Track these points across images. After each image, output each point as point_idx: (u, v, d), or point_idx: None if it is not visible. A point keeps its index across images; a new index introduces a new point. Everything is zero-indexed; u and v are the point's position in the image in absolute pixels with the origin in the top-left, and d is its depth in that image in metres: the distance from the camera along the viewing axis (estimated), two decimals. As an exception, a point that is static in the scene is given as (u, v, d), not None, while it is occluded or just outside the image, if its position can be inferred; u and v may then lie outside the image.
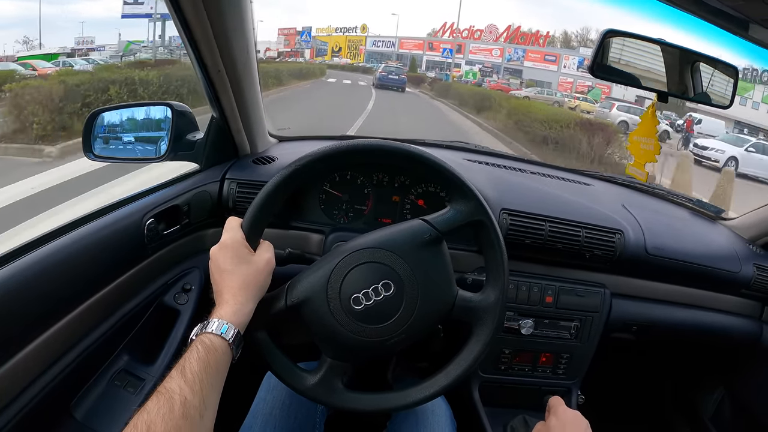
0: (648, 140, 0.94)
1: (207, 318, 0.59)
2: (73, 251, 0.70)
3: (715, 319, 1.10)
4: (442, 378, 0.66)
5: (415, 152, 0.68)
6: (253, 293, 0.62)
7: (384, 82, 18.78)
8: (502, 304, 0.68)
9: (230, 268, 0.62)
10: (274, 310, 0.65)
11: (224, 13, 0.73)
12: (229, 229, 0.65)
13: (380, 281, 0.63)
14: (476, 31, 33.25)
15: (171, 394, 0.50)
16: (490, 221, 0.68)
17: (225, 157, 0.99)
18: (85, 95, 6.54)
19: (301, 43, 46.82)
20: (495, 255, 0.68)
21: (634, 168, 0.99)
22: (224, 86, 0.84)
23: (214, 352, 0.55)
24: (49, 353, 0.66)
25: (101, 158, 0.96)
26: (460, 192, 0.68)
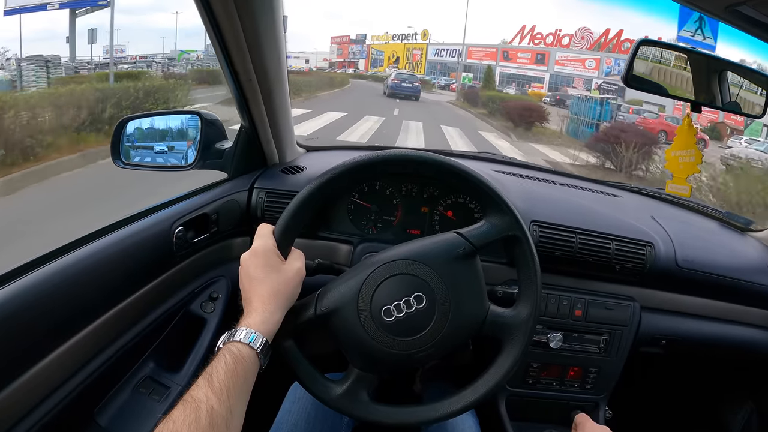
0: (688, 152, 0.91)
1: (235, 326, 0.58)
2: (103, 257, 0.70)
3: (745, 333, 1.07)
4: (470, 393, 0.65)
5: (451, 164, 0.68)
6: (282, 302, 0.61)
7: (396, 90, 17.98)
8: (534, 320, 0.67)
9: (261, 275, 0.61)
10: (302, 318, 0.64)
11: (257, 21, 0.73)
12: (260, 236, 0.64)
13: (412, 294, 0.62)
14: (563, 36, 26.30)
15: (197, 403, 0.49)
16: (526, 237, 0.67)
17: (253, 166, 0.99)
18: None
19: (354, 52, 43.57)
20: (529, 271, 0.67)
21: (675, 185, 0.95)
22: (255, 95, 0.85)
23: (242, 361, 0.55)
24: (75, 359, 0.66)
25: (130, 165, 0.96)
26: (496, 206, 0.67)
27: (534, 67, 27.56)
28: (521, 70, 28.22)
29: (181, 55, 24.08)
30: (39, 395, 0.60)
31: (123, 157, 0.96)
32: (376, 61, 41.74)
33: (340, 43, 46.80)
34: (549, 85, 26.36)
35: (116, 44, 25.66)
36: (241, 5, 0.69)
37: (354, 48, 45.09)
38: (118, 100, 6.26)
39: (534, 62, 27.55)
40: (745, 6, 0.57)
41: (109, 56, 14.24)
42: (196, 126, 0.95)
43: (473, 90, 21.26)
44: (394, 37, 40.50)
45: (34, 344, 0.59)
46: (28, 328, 0.58)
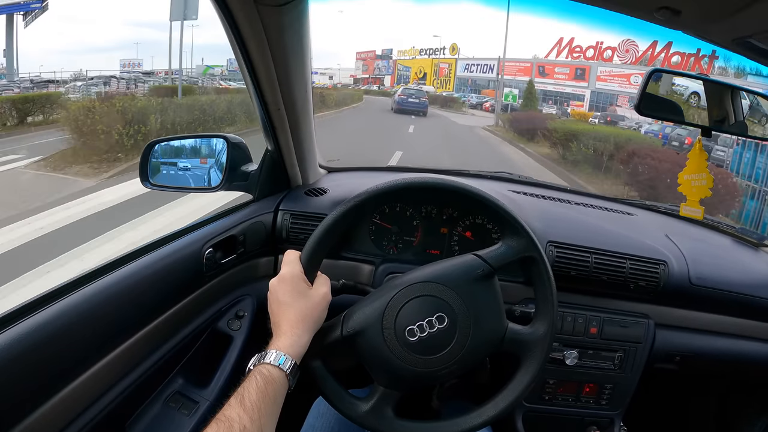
0: (700, 176, 0.94)
1: (265, 349, 0.61)
2: (138, 279, 0.74)
3: (760, 348, 1.08)
4: (490, 408, 0.68)
5: (469, 190, 0.71)
6: (309, 326, 0.64)
7: (403, 106, 17.13)
8: (551, 337, 0.69)
9: (289, 301, 0.64)
10: (329, 339, 0.67)
11: (288, 59, 0.77)
12: (288, 263, 0.67)
13: (434, 314, 0.65)
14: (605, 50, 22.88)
15: (230, 422, 0.52)
16: (542, 257, 0.70)
17: (278, 188, 1.03)
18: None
19: (380, 68, 41.09)
20: (545, 290, 0.70)
21: (689, 208, 0.97)
22: (282, 122, 0.88)
23: (272, 382, 0.58)
24: (111, 374, 0.69)
25: (157, 187, 1.00)
26: (512, 228, 0.70)
27: (573, 83, 24.53)
28: (558, 87, 24.27)
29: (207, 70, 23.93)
30: (76, 410, 0.64)
31: (151, 178, 1.00)
32: (402, 77, 38.49)
33: (366, 59, 44.15)
34: (590, 103, 22.82)
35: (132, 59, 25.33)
36: (275, 47, 0.73)
37: (380, 64, 41.91)
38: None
39: (573, 78, 24.36)
40: (752, 38, 0.59)
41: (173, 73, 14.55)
42: (223, 149, 0.99)
43: (528, 116, 14.25)
44: (421, 52, 37.72)
45: (72, 362, 0.63)
46: (67, 347, 0.62)
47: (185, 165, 1.04)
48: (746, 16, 0.53)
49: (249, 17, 0.69)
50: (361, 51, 44.06)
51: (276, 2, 0.67)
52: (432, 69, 35.94)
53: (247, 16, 0.69)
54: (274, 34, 0.72)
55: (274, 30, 0.72)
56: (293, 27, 0.74)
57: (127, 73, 21.75)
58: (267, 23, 0.70)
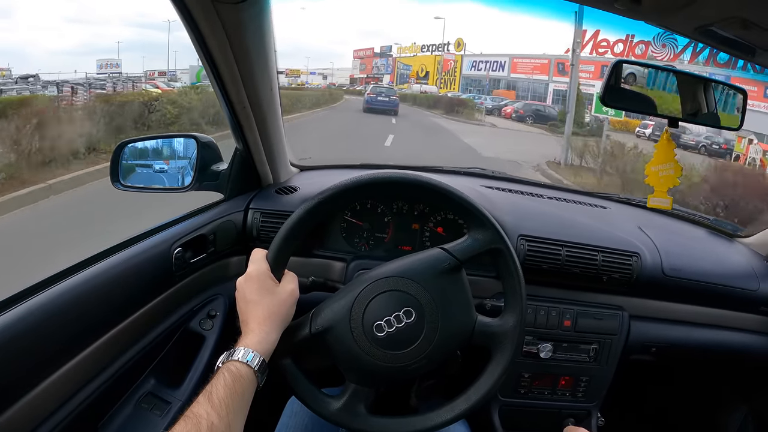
0: (667, 165, 0.94)
1: (233, 346, 0.62)
2: (105, 279, 0.73)
3: (735, 338, 1.09)
4: (462, 402, 0.68)
5: (432, 183, 0.71)
6: (277, 323, 0.64)
7: (373, 104, 16.25)
8: (521, 328, 0.69)
9: (256, 298, 0.64)
10: (298, 337, 0.67)
11: (250, 56, 0.77)
12: (254, 261, 0.68)
13: (401, 309, 0.65)
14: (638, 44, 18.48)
15: (198, 419, 0.52)
16: (508, 249, 0.70)
17: (248, 187, 1.02)
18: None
19: (378, 66, 37.83)
20: (513, 282, 0.70)
21: (657, 198, 0.97)
22: (249, 121, 0.88)
23: (240, 379, 0.58)
24: (80, 375, 0.68)
25: (128, 188, 0.99)
26: (478, 221, 0.70)
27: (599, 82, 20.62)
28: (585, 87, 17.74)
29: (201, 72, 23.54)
30: (46, 410, 0.63)
31: (122, 179, 0.99)
32: (403, 76, 35.10)
33: (363, 57, 40.11)
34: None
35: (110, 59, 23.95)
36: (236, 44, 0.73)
37: (378, 62, 38.32)
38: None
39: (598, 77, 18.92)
40: (714, 26, 0.60)
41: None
42: (193, 149, 0.98)
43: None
44: (423, 48, 33.61)
45: (41, 362, 0.62)
46: (36, 346, 0.61)
47: (156, 165, 1.04)
48: (706, 4, 0.53)
49: (207, 15, 0.68)
50: (358, 49, 41.16)
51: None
52: (435, 67, 31.92)
53: (205, 14, 0.68)
54: (233, 32, 0.72)
55: (234, 28, 0.71)
56: (254, 24, 0.74)
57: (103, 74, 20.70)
58: (226, 21, 0.69)
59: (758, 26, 0.53)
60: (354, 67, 40.37)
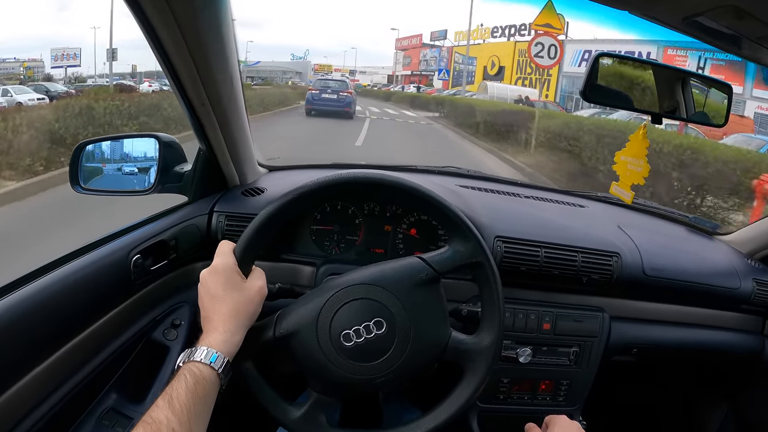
0: (637, 161, 0.92)
1: (195, 344, 0.58)
2: (58, 289, 0.68)
3: (717, 336, 1.08)
4: (430, 419, 0.65)
5: (415, 188, 0.68)
6: (243, 322, 0.61)
7: (315, 105, 12.17)
8: (497, 348, 0.67)
9: (221, 293, 0.61)
10: (261, 339, 0.64)
11: (206, 48, 0.71)
12: (221, 254, 0.64)
13: (372, 319, 0.62)
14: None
15: (158, 425, 0.49)
16: (489, 264, 0.67)
17: (214, 188, 0.97)
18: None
19: (428, 60, 26.98)
20: (492, 298, 0.68)
21: (619, 188, 0.97)
22: (209, 119, 0.83)
23: (203, 382, 0.54)
24: (35, 394, 0.64)
25: (88, 191, 0.94)
26: (460, 232, 0.67)
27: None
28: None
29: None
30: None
31: (81, 182, 0.94)
32: (460, 74, 21.61)
33: (408, 48, 29.49)
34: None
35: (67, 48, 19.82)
36: (189, 36, 0.67)
37: (427, 54, 27.27)
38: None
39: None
40: (702, 17, 0.56)
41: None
42: (155, 149, 0.93)
43: None
44: (495, 32, 21.97)
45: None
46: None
47: (117, 167, 0.98)
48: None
49: (155, 4, 0.63)
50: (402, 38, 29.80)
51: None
52: (514, 57, 20.23)
53: (152, 2, 0.63)
54: (185, 23, 0.66)
55: (185, 18, 0.65)
56: (208, 12, 0.68)
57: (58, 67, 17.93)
58: (176, 10, 0.64)
59: (751, 16, 0.50)
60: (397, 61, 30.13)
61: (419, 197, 0.68)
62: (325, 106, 12.07)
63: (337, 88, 12.66)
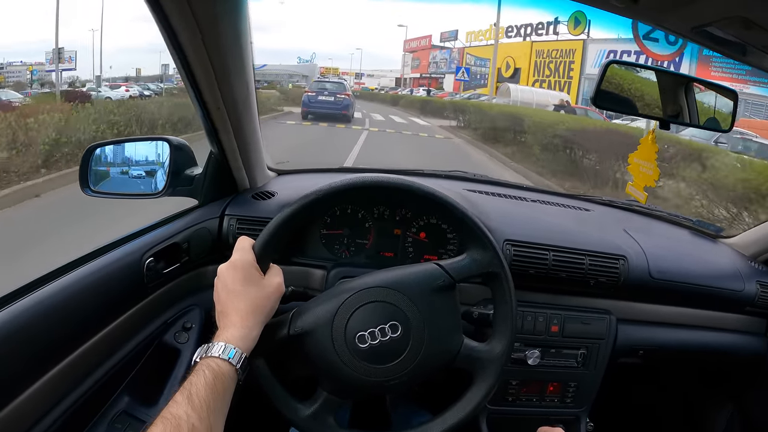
0: (647, 164, 0.94)
1: (212, 339, 0.58)
2: (72, 293, 0.69)
3: (721, 338, 1.09)
4: (438, 424, 0.66)
5: (434, 194, 0.69)
6: (260, 318, 0.61)
7: (312, 108, 11.51)
8: (507, 357, 0.68)
9: (240, 288, 0.61)
10: (275, 337, 0.64)
11: (225, 52, 0.72)
12: (240, 249, 0.64)
13: (388, 322, 0.63)
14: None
15: (178, 421, 0.48)
16: (505, 274, 0.68)
17: (224, 192, 0.98)
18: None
19: (438, 62, 26.19)
20: (506, 309, 0.68)
21: (634, 188, 0.99)
22: (224, 123, 0.83)
23: (222, 377, 0.54)
24: (48, 397, 0.64)
25: (98, 194, 0.95)
26: (479, 241, 0.68)
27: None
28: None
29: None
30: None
31: (92, 184, 0.94)
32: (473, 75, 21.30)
33: (416, 50, 28.34)
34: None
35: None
36: (209, 40, 0.68)
37: (437, 56, 26.28)
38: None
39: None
40: (711, 27, 0.58)
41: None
42: (165, 152, 0.93)
43: None
44: (510, 32, 20.70)
45: (5, 385, 0.58)
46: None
47: (127, 170, 0.99)
48: (704, 4, 0.52)
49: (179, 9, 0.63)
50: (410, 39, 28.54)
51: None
52: (531, 58, 18.83)
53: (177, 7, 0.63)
54: (207, 28, 0.67)
55: (208, 22, 0.66)
56: (229, 19, 0.69)
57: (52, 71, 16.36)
58: (199, 15, 0.64)
59: (759, 26, 0.51)
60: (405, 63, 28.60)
61: (439, 203, 0.69)
62: (321, 109, 11.52)
63: (334, 90, 12.05)
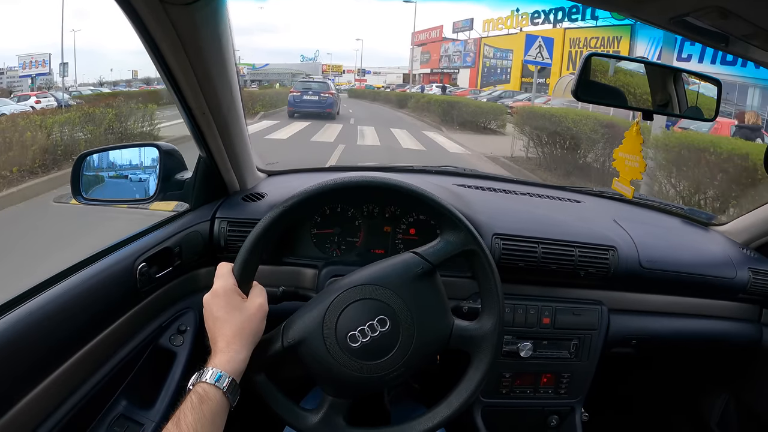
0: (633, 157, 0.94)
1: (204, 367, 0.60)
2: (66, 300, 0.69)
3: (715, 326, 1.10)
4: (444, 408, 0.67)
5: (401, 186, 0.69)
6: (247, 340, 0.62)
7: (297, 106, 12.32)
8: (500, 330, 0.68)
9: (223, 316, 0.63)
10: (271, 351, 0.65)
11: (207, 59, 0.73)
12: (220, 276, 0.66)
13: (375, 317, 0.64)
14: None
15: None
16: (482, 250, 0.68)
17: (215, 195, 0.98)
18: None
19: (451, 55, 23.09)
20: (489, 283, 0.69)
21: (620, 184, 0.99)
22: (210, 127, 0.84)
23: (208, 401, 0.56)
24: (46, 403, 0.65)
25: (91, 201, 0.96)
26: (450, 222, 0.69)
27: None
28: None
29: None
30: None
31: (84, 192, 0.95)
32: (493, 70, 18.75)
33: (426, 42, 25.06)
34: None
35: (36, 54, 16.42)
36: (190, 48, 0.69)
37: (449, 48, 23.02)
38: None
39: None
40: (689, 17, 0.58)
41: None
42: (156, 158, 0.94)
43: None
44: (536, 18, 17.57)
45: (4, 391, 0.59)
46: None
47: (119, 176, 0.99)
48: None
49: (157, 18, 0.64)
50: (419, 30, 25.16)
51: (183, 1, 0.63)
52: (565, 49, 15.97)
53: (154, 16, 0.64)
54: (187, 35, 0.67)
55: (187, 30, 0.67)
56: (208, 26, 0.70)
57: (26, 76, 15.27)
58: (177, 23, 0.65)
59: (735, 15, 0.51)
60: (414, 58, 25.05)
61: (409, 194, 0.69)
62: (306, 108, 12.26)
63: (318, 90, 12.76)
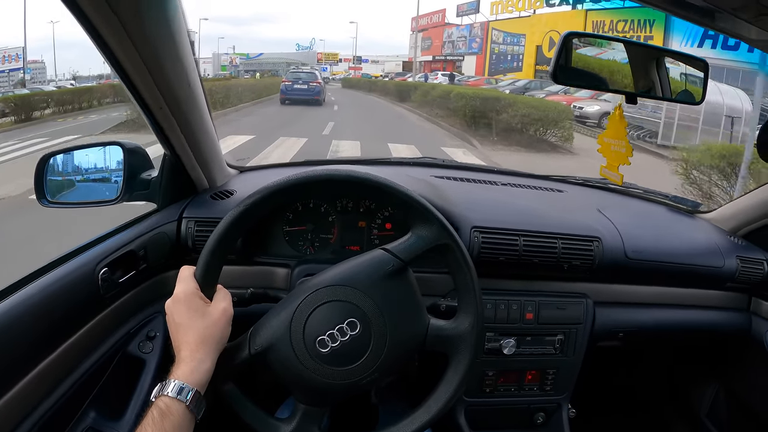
0: (618, 142, 0.91)
1: (167, 377, 0.57)
2: (23, 310, 0.66)
3: (703, 315, 1.07)
4: (423, 413, 0.64)
5: (369, 179, 0.65)
6: (211, 348, 0.59)
7: (289, 94, 14.17)
8: (478, 329, 0.65)
9: (186, 322, 0.59)
10: (238, 359, 0.62)
11: (156, 47, 0.67)
12: (181, 280, 0.63)
13: (345, 320, 0.61)
14: None
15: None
16: (456, 243, 0.65)
17: (183, 193, 0.94)
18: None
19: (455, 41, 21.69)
20: (465, 279, 0.66)
21: (608, 170, 0.96)
22: (170, 123, 0.80)
23: (170, 416, 0.54)
24: (9, 419, 0.62)
25: (56, 204, 0.92)
26: (420, 216, 0.65)
27: None
28: None
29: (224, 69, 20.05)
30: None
31: (48, 195, 0.91)
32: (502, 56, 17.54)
33: (428, 27, 23.27)
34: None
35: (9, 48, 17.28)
36: (135, 36, 0.64)
37: (453, 33, 21.47)
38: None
39: None
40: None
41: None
42: (120, 157, 0.90)
43: None
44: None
45: None
46: None
47: (84, 178, 0.96)
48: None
49: (95, 5, 0.59)
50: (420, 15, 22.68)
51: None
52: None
53: (92, 4, 0.59)
54: (130, 24, 0.62)
55: (129, 18, 0.61)
56: (154, 12, 0.64)
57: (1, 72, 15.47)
58: (118, 11, 0.60)
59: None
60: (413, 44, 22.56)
61: (372, 186, 0.65)
62: (297, 95, 14.20)
63: (307, 79, 14.75)
